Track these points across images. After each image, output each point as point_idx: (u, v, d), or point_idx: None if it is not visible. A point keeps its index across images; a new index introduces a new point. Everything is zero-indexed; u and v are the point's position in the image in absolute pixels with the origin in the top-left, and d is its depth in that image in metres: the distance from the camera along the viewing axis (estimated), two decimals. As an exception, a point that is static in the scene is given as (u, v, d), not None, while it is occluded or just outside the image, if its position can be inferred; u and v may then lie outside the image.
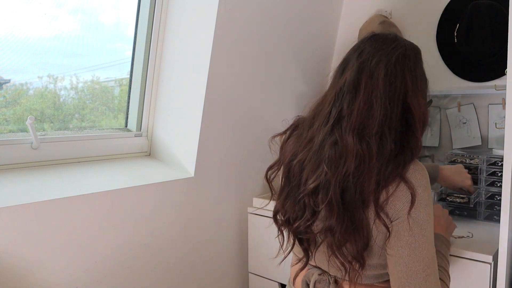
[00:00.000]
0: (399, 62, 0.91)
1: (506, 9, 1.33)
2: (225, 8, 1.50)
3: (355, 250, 0.88)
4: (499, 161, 1.45)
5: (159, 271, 1.55)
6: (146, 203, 1.49)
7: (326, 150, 0.90)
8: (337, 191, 0.86)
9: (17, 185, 1.27)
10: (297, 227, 0.94)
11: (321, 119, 0.94)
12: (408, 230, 0.85)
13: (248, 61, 1.69)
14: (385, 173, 0.85)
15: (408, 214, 0.84)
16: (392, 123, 0.88)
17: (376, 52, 0.92)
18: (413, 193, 0.84)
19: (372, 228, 0.87)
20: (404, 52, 0.94)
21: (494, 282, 1.15)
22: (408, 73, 0.91)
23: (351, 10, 2.06)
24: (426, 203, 0.86)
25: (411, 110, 0.90)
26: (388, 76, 0.89)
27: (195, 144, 1.59)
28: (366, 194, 0.85)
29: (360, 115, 0.88)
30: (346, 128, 0.88)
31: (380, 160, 0.85)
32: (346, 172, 0.86)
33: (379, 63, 0.91)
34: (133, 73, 1.73)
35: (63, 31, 1.49)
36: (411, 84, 0.91)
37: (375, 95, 0.88)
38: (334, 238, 0.87)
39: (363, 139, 0.87)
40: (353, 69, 0.92)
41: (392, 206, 0.86)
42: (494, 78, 1.63)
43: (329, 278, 0.98)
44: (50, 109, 1.53)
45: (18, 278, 1.18)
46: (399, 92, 0.89)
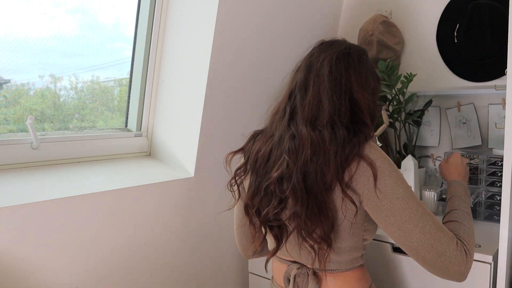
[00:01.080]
0: (341, 60, 0.99)
1: (506, 9, 1.33)
2: (225, 8, 1.50)
3: (322, 232, 0.93)
4: (499, 161, 1.45)
5: (159, 271, 1.55)
6: (146, 203, 1.49)
7: (286, 142, 0.97)
8: (299, 177, 0.92)
9: (17, 185, 1.27)
10: (265, 215, 0.99)
11: (278, 116, 1.03)
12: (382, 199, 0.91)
13: (248, 61, 1.69)
14: (343, 155, 0.91)
15: (375, 187, 0.90)
16: (341, 114, 0.95)
17: (322, 53, 1.02)
18: (373, 167, 0.91)
19: (342, 207, 0.93)
20: (346, 51, 1.01)
21: (494, 282, 1.15)
22: (352, 70, 0.99)
23: (351, 10, 2.06)
24: (388, 170, 0.92)
25: (358, 104, 0.97)
26: (333, 73, 0.98)
27: (195, 144, 1.59)
28: (328, 178, 0.91)
29: (311, 108, 0.96)
30: (300, 121, 0.97)
31: (334, 145, 0.92)
32: (304, 159, 0.93)
33: (324, 62, 0.99)
34: (133, 73, 1.73)
35: (63, 31, 1.49)
36: (355, 80, 0.99)
37: (322, 90, 0.97)
38: (301, 222, 0.93)
39: (315, 129, 0.95)
40: (302, 70, 1.03)
41: (358, 183, 0.92)
42: (494, 78, 1.63)
43: (308, 271, 1.02)
44: (50, 109, 1.53)
45: (18, 278, 1.18)
46: (344, 87, 0.97)
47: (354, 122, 0.96)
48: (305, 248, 0.98)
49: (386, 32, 1.81)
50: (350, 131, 0.94)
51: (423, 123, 1.77)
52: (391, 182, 0.91)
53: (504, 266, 1.08)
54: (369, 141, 0.95)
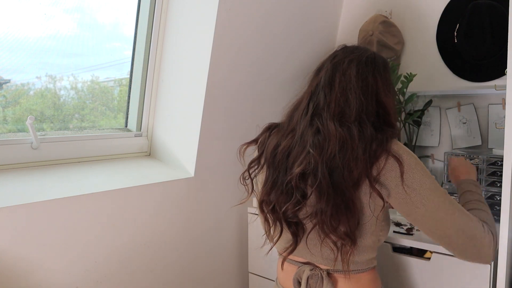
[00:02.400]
0: (369, 63, 1.02)
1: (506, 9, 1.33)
2: (225, 8, 1.50)
3: (347, 228, 0.92)
4: (499, 161, 1.45)
5: (159, 271, 1.55)
6: (146, 203, 1.49)
7: (309, 137, 0.96)
8: (325, 172, 0.92)
9: (17, 185, 1.27)
10: (284, 212, 0.97)
11: (300, 112, 1.02)
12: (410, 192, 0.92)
13: (248, 61, 1.69)
14: (371, 150, 0.92)
15: (402, 180, 0.91)
16: (368, 113, 0.96)
17: (348, 55, 1.02)
18: (400, 161, 0.92)
19: (369, 203, 0.93)
20: (373, 57, 1.04)
21: (494, 282, 1.15)
22: (378, 74, 1.02)
23: (351, 10, 2.06)
24: (414, 163, 0.93)
25: (385, 107, 1.00)
26: (360, 74, 0.99)
27: (195, 144, 1.59)
28: (356, 174, 0.91)
29: (338, 105, 0.97)
30: (326, 117, 0.96)
31: (363, 142, 0.92)
32: (331, 153, 0.92)
33: (351, 63, 1.00)
34: (133, 73, 1.72)
35: (62, 31, 1.49)
36: (382, 84, 1.02)
37: (349, 89, 0.98)
38: (327, 218, 0.92)
39: (343, 125, 0.95)
40: (327, 69, 1.02)
41: (386, 177, 0.92)
42: (494, 78, 1.63)
43: (321, 272, 1.00)
44: (50, 109, 1.53)
45: (18, 278, 1.18)
46: (371, 89, 0.99)
47: (380, 122, 0.98)
48: (326, 244, 0.96)
49: (386, 32, 1.81)
50: (377, 129, 0.95)
51: (423, 123, 1.77)
52: (418, 175, 0.92)
53: (504, 266, 1.08)
54: (395, 139, 0.96)
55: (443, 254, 1.22)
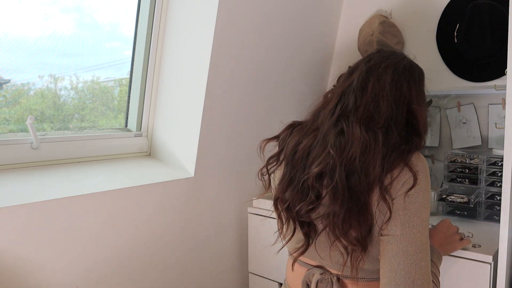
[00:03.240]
0: (405, 71, 1.00)
1: (506, 9, 1.33)
2: (225, 8, 1.50)
3: (359, 234, 0.89)
4: (499, 161, 1.45)
5: (159, 271, 1.55)
6: (146, 203, 1.49)
7: (332, 137, 0.94)
8: (343, 174, 0.89)
9: (17, 185, 1.27)
10: (298, 211, 0.95)
11: (326, 112, 0.99)
12: (403, 209, 0.87)
13: (248, 61, 1.69)
14: (390, 159, 0.89)
15: (406, 194, 0.87)
16: (397, 122, 0.94)
17: (384, 60, 1.00)
18: (415, 176, 0.88)
19: (376, 213, 0.89)
20: (410, 65, 1.02)
21: (494, 282, 1.15)
22: (413, 84, 1.00)
23: (351, 10, 2.06)
24: (425, 188, 0.89)
25: (415, 116, 0.97)
26: (395, 81, 0.97)
27: (195, 144, 1.59)
28: (371, 178, 0.88)
29: (368, 110, 0.94)
30: (353, 120, 0.94)
31: (385, 148, 0.90)
32: (352, 156, 0.90)
33: (387, 69, 0.98)
34: (133, 73, 1.72)
35: (62, 31, 1.49)
36: (415, 94, 1.00)
37: (381, 96, 0.95)
38: (339, 221, 0.89)
39: (370, 130, 0.92)
40: (361, 72, 0.99)
41: (394, 188, 0.89)
42: (494, 78, 1.63)
43: (331, 277, 0.98)
44: (50, 109, 1.53)
45: (18, 278, 1.18)
46: (404, 98, 0.97)
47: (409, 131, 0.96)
48: (336, 248, 0.93)
49: (386, 32, 1.81)
50: (403, 138, 0.93)
51: (423, 123, 1.77)
52: (421, 200, 0.88)
53: (504, 266, 1.08)
54: (418, 152, 0.93)
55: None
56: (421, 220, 0.87)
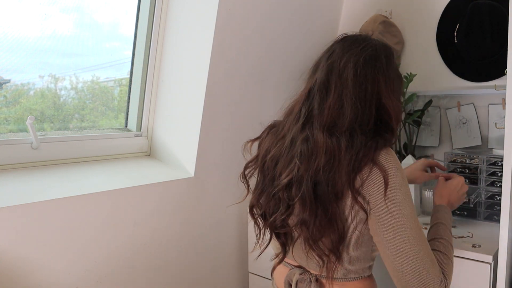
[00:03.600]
0: (368, 63, 0.92)
1: (506, 9, 1.33)
2: (225, 8, 1.50)
3: (330, 243, 0.89)
4: (499, 161, 1.45)
5: (159, 271, 1.55)
6: (146, 203, 1.49)
7: (298, 146, 0.92)
8: (309, 185, 0.88)
9: (17, 185, 1.27)
10: (273, 221, 0.96)
11: (293, 117, 0.98)
12: (387, 213, 0.87)
13: (248, 61, 1.69)
14: (356, 160, 0.87)
15: (385, 196, 0.86)
16: (363, 121, 0.90)
17: (345, 53, 0.94)
18: (386, 175, 0.86)
19: (352, 216, 0.89)
20: (374, 53, 0.94)
21: (494, 282, 1.15)
22: (380, 75, 0.93)
23: (351, 10, 2.06)
24: (400, 183, 0.87)
25: (386, 110, 0.93)
26: (358, 77, 0.91)
27: (195, 144, 1.59)
28: (339, 187, 0.87)
29: (331, 114, 0.91)
30: (316, 126, 0.92)
31: (349, 152, 0.87)
32: (317, 166, 0.88)
33: (348, 63, 0.92)
34: (133, 73, 1.72)
35: (61, 31, 1.49)
36: (384, 85, 0.93)
37: (345, 95, 0.91)
38: (309, 231, 0.89)
39: (333, 135, 0.90)
40: (322, 70, 0.95)
41: (368, 190, 0.87)
42: (494, 78, 1.63)
43: (310, 277, 0.99)
44: (50, 109, 1.53)
45: (18, 278, 1.18)
46: (371, 93, 0.91)
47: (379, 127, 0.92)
48: (312, 256, 0.94)
49: (386, 32, 1.81)
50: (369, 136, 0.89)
51: (423, 123, 1.77)
52: (400, 197, 0.87)
53: (504, 266, 1.08)
54: (388, 148, 0.90)
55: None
56: (406, 217, 0.87)
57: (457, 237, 1.29)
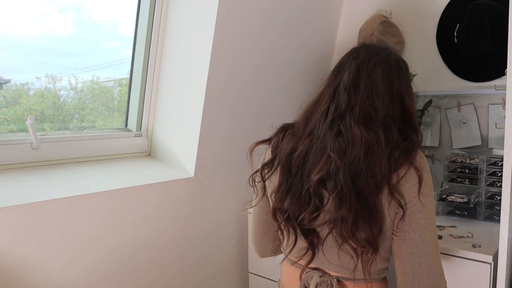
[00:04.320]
0: (394, 68, 0.98)
1: (506, 9, 1.33)
2: (225, 8, 1.50)
3: (370, 235, 0.88)
4: (499, 161, 1.45)
5: (159, 271, 1.55)
6: (146, 203, 1.48)
7: (330, 141, 0.91)
8: (348, 178, 0.87)
9: (17, 185, 1.27)
10: (301, 221, 0.93)
11: (319, 114, 0.97)
12: (419, 212, 0.89)
13: (248, 61, 1.69)
14: (395, 158, 0.89)
15: (419, 196, 0.88)
16: (394, 118, 0.93)
17: (372, 56, 0.98)
18: (421, 176, 0.88)
19: (389, 211, 0.89)
20: (398, 60, 1.01)
21: (494, 282, 1.15)
22: (403, 79, 0.99)
23: (351, 10, 2.06)
24: (430, 187, 0.91)
25: (409, 110, 0.96)
26: (386, 78, 0.95)
27: (195, 144, 1.59)
28: (379, 178, 0.87)
29: (364, 109, 0.92)
30: (350, 121, 0.92)
31: (388, 147, 0.89)
32: (355, 158, 0.88)
33: (376, 65, 0.96)
34: (133, 73, 1.72)
35: (62, 31, 1.49)
36: (406, 89, 0.98)
37: (375, 93, 0.93)
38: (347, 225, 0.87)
39: (370, 129, 0.90)
40: (351, 70, 0.97)
41: (404, 188, 0.89)
42: (494, 78, 1.63)
43: (331, 279, 0.96)
44: (50, 109, 1.53)
45: (18, 278, 1.18)
46: (396, 93, 0.96)
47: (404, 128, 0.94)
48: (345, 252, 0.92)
49: (386, 32, 1.81)
50: (403, 135, 0.92)
51: (423, 123, 1.77)
52: (430, 200, 0.90)
53: (504, 266, 1.08)
54: (419, 151, 0.93)
55: (443, 254, 1.22)
56: (433, 219, 0.90)
57: (457, 237, 1.29)
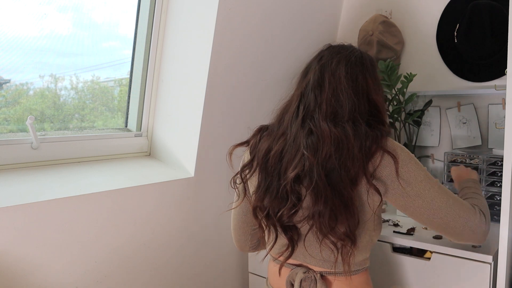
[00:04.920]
0: (357, 63, 1.01)
1: (506, 9, 1.33)
2: (225, 8, 1.50)
3: (347, 229, 0.92)
4: (499, 161, 1.45)
5: (159, 271, 1.55)
6: (146, 203, 1.49)
7: (302, 138, 0.95)
8: (322, 173, 0.91)
9: (17, 185, 1.27)
10: (280, 217, 0.96)
11: (290, 115, 1.01)
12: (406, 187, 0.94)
13: (248, 61, 1.69)
14: (366, 148, 0.92)
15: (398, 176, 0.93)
16: (361, 112, 0.96)
17: (335, 55, 1.02)
18: (395, 155, 0.93)
19: (368, 200, 0.94)
20: (360, 56, 1.03)
21: (494, 282, 1.15)
22: (367, 74, 1.01)
23: (351, 10, 2.06)
24: (408, 158, 0.95)
25: (376, 105, 1.00)
26: (349, 74, 0.99)
27: (195, 144, 1.59)
28: (354, 172, 0.91)
29: (330, 106, 0.96)
30: (318, 118, 0.96)
31: (358, 139, 0.92)
32: (326, 154, 0.91)
33: (339, 63, 1.00)
34: (133, 73, 1.73)
35: (62, 31, 1.49)
36: (372, 83, 1.01)
37: (340, 90, 0.97)
38: (324, 220, 0.91)
39: (337, 124, 0.94)
40: (315, 71, 1.01)
41: (382, 173, 0.94)
42: (494, 78, 1.63)
43: (314, 274, 0.99)
44: (50, 109, 1.53)
45: (18, 278, 1.18)
46: (362, 89, 0.99)
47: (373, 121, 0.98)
48: (326, 246, 0.95)
49: (386, 32, 1.81)
50: (371, 126, 0.95)
51: (423, 123, 1.77)
52: (412, 168, 0.94)
53: (504, 266, 1.08)
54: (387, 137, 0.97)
55: (443, 254, 1.22)
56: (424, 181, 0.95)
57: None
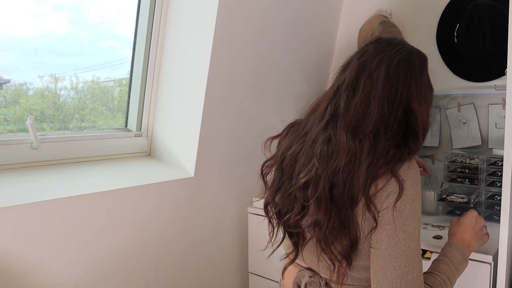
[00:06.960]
0: (401, 66, 0.91)
1: (506, 9, 1.33)
2: (225, 8, 1.50)
3: (342, 248, 0.87)
4: (499, 161, 1.45)
5: (159, 271, 1.55)
6: (146, 203, 1.49)
7: (319, 145, 0.90)
8: (326, 186, 0.86)
9: (17, 185, 1.27)
10: (287, 220, 0.94)
11: (316, 115, 0.95)
12: (390, 222, 0.84)
13: (248, 61, 1.69)
14: (375, 167, 0.84)
15: (394, 206, 0.83)
16: (389, 124, 0.88)
17: (378, 53, 0.92)
18: (401, 186, 0.83)
19: (362, 223, 0.86)
20: (407, 57, 0.93)
21: (494, 282, 1.15)
22: (412, 79, 0.91)
23: (351, 10, 2.06)
24: (413, 198, 0.84)
25: (414, 115, 0.89)
26: (389, 78, 0.89)
27: (195, 144, 1.59)
28: (355, 191, 0.84)
29: (356, 113, 0.88)
30: (340, 125, 0.89)
31: (371, 157, 0.84)
32: (336, 167, 0.86)
33: (380, 64, 0.90)
34: (133, 73, 1.73)
35: (61, 31, 1.49)
36: (415, 90, 0.90)
37: (373, 95, 0.88)
38: (322, 233, 0.87)
39: (356, 137, 0.87)
40: (353, 68, 0.93)
41: (380, 199, 0.84)
42: (494, 78, 1.63)
43: (320, 280, 0.97)
44: (50, 109, 1.53)
45: (18, 278, 1.18)
46: (400, 96, 0.89)
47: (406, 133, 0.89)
48: (323, 260, 0.92)
49: (386, 32, 1.81)
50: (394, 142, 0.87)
51: (423, 123, 1.77)
52: (408, 212, 0.84)
53: (504, 266, 1.07)
54: (412, 160, 0.87)
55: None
56: (408, 233, 0.83)
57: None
